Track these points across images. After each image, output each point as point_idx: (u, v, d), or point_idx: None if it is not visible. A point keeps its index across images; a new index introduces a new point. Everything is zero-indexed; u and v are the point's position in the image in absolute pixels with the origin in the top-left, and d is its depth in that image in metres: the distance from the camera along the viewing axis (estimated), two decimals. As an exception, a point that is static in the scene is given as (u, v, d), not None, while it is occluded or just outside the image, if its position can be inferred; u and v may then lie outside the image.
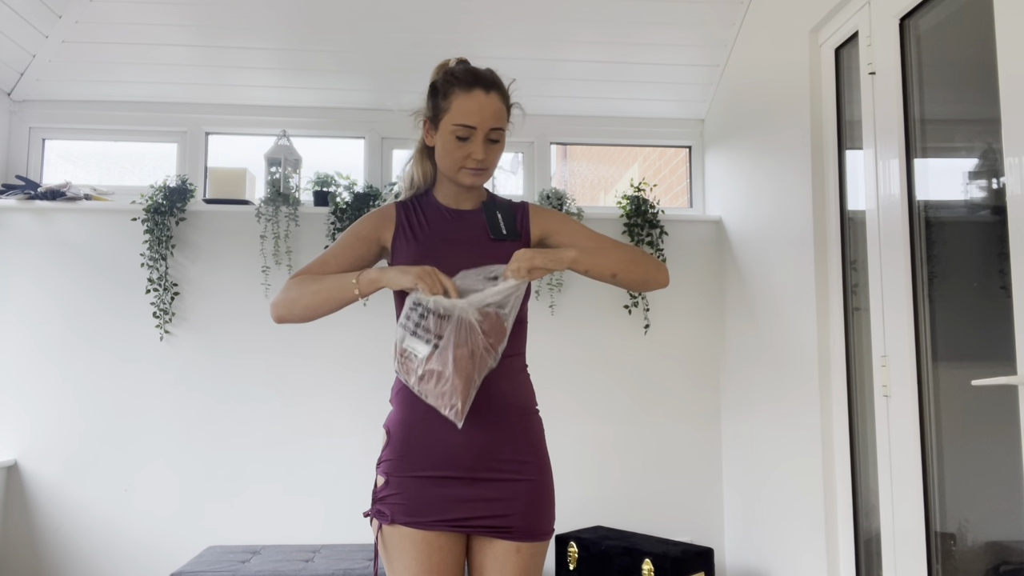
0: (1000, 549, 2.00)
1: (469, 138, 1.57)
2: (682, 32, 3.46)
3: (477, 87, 1.57)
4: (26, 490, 3.36)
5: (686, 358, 3.66)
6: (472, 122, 1.56)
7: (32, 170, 3.64)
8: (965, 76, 2.18)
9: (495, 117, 1.58)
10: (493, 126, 1.58)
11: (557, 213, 1.74)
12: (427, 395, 1.47)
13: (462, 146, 1.58)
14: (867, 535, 2.54)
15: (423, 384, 1.46)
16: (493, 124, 1.58)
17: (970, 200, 2.14)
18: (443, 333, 1.44)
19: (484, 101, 1.56)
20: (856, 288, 2.59)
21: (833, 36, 2.67)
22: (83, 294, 3.44)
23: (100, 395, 3.40)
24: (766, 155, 3.13)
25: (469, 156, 1.58)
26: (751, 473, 3.28)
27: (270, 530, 3.40)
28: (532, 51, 3.52)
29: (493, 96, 1.58)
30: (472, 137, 1.57)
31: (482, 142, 1.58)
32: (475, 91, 1.56)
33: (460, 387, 1.44)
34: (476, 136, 1.57)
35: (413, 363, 1.47)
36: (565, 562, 3.14)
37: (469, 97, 1.56)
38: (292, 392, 3.47)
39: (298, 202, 3.51)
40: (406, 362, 1.48)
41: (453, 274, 1.53)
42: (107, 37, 3.36)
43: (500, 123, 1.59)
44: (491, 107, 1.57)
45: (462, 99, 1.56)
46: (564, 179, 4.51)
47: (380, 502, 1.58)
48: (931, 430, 2.19)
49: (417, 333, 1.46)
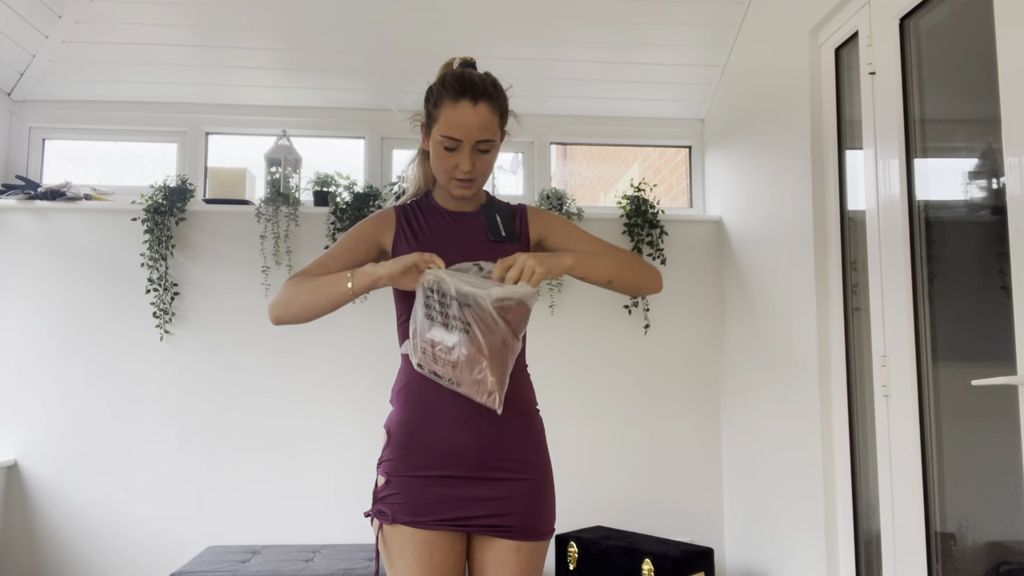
0: (1000, 549, 2.00)
1: (456, 149, 1.56)
2: (682, 32, 3.46)
3: (464, 98, 1.53)
4: (26, 490, 3.36)
5: (686, 358, 3.66)
6: (457, 135, 1.54)
7: (32, 170, 3.64)
8: (965, 76, 2.18)
9: (481, 129, 1.54)
10: (479, 138, 1.55)
11: (554, 216, 1.74)
12: (460, 383, 1.44)
13: (449, 157, 1.57)
14: (867, 535, 2.54)
15: (457, 372, 1.42)
16: (479, 136, 1.54)
17: (970, 200, 2.14)
18: (469, 320, 1.40)
19: (470, 114, 1.53)
20: (856, 288, 2.59)
21: (833, 36, 2.67)
22: (83, 294, 3.44)
23: (100, 395, 3.40)
24: (766, 155, 3.13)
25: (456, 167, 1.57)
26: (751, 473, 3.28)
27: (270, 530, 3.40)
28: (532, 51, 3.52)
29: (481, 107, 1.53)
30: (459, 148, 1.55)
31: (469, 154, 1.56)
32: (462, 103, 1.53)
33: (497, 373, 1.42)
34: (463, 148, 1.55)
35: (443, 353, 1.42)
36: (565, 562, 3.14)
37: (455, 109, 1.53)
38: (292, 392, 3.47)
39: (298, 202, 3.51)
40: (434, 353, 1.43)
41: None
42: (107, 37, 3.36)
43: (487, 135, 1.55)
44: (477, 119, 1.53)
45: (449, 110, 1.54)
46: (564, 179, 4.51)
47: (381, 502, 1.58)
48: (931, 430, 2.19)
49: (443, 322, 1.42)
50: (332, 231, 3.50)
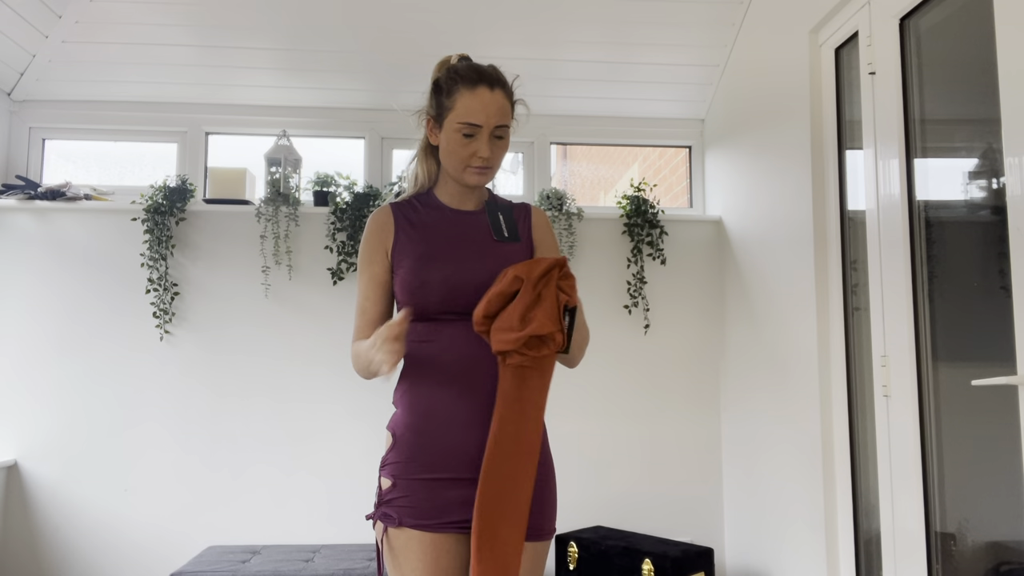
0: (1000, 549, 2.00)
1: (474, 136, 1.56)
2: (682, 32, 3.46)
3: (482, 84, 1.56)
4: (26, 490, 3.36)
5: (686, 358, 3.66)
6: (478, 120, 1.55)
7: (32, 170, 3.64)
8: (965, 76, 2.18)
9: (500, 114, 1.56)
10: (498, 123, 1.57)
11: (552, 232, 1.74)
12: None
13: (467, 144, 1.57)
14: (867, 535, 2.54)
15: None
16: (498, 121, 1.56)
17: (970, 200, 2.14)
18: None
19: (489, 99, 1.55)
20: (856, 288, 2.59)
21: (833, 36, 2.67)
22: (83, 294, 3.44)
23: (100, 395, 3.40)
24: (766, 155, 3.13)
25: (474, 154, 1.57)
26: (751, 473, 3.28)
27: (270, 530, 3.40)
28: (532, 51, 3.52)
29: (498, 93, 1.56)
30: (477, 135, 1.56)
31: (487, 140, 1.57)
32: (480, 88, 1.55)
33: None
34: (481, 134, 1.56)
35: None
36: (565, 562, 3.14)
37: (474, 95, 1.55)
38: (292, 392, 3.47)
39: (298, 202, 3.51)
40: None
41: (456, 274, 1.54)
42: (107, 37, 3.36)
43: (505, 120, 1.58)
44: (496, 104, 1.56)
45: (467, 97, 1.55)
46: (564, 179, 4.51)
47: (387, 505, 1.57)
48: (931, 430, 2.19)
49: None
50: (332, 231, 3.50)
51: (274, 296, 3.50)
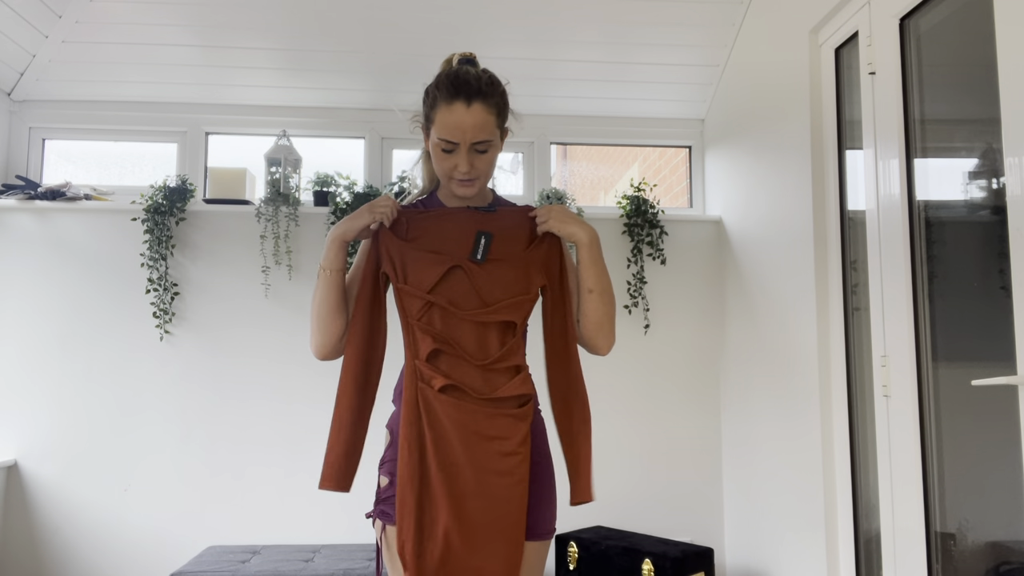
0: (1000, 549, 2.00)
1: (453, 151, 1.54)
2: (682, 32, 3.46)
3: (458, 99, 1.50)
4: (26, 490, 3.36)
5: (686, 358, 3.66)
6: (454, 137, 1.52)
7: (32, 170, 3.64)
8: (965, 76, 2.18)
9: (476, 130, 1.52)
10: (475, 140, 1.52)
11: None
12: None
13: (448, 158, 1.55)
14: (867, 535, 2.54)
15: None
16: (475, 138, 1.52)
17: (970, 200, 2.14)
18: None
19: (463, 115, 1.50)
20: (856, 288, 2.59)
21: (833, 36, 2.67)
22: (83, 294, 3.44)
23: (100, 395, 3.40)
24: (766, 155, 3.13)
25: (455, 168, 1.56)
26: (751, 473, 3.28)
27: (270, 530, 3.40)
28: (532, 51, 3.52)
29: (476, 108, 1.51)
30: (456, 151, 1.54)
31: (466, 155, 1.54)
32: (455, 104, 1.51)
33: None
34: (459, 150, 1.53)
35: None
36: (565, 562, 3.14)
37: (449, 111, 1.51)
38: (292, 392, 3.47)
39: (298, 202, 3.51)
40: None
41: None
42: (107, 37, 3.36)
43: (483, 136, 1.53)
44: (472, 120, 1.51)
45: (443, 112, 1.52)
46: (564, 179, 4.51)
47: (384, 503, 1.58)
48: (931, 430, 2.19)
49: None
50: (332, 231, 3.50)
51: (274, 296, 3.50)
